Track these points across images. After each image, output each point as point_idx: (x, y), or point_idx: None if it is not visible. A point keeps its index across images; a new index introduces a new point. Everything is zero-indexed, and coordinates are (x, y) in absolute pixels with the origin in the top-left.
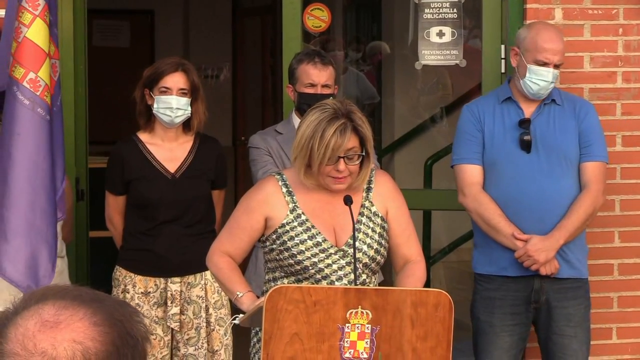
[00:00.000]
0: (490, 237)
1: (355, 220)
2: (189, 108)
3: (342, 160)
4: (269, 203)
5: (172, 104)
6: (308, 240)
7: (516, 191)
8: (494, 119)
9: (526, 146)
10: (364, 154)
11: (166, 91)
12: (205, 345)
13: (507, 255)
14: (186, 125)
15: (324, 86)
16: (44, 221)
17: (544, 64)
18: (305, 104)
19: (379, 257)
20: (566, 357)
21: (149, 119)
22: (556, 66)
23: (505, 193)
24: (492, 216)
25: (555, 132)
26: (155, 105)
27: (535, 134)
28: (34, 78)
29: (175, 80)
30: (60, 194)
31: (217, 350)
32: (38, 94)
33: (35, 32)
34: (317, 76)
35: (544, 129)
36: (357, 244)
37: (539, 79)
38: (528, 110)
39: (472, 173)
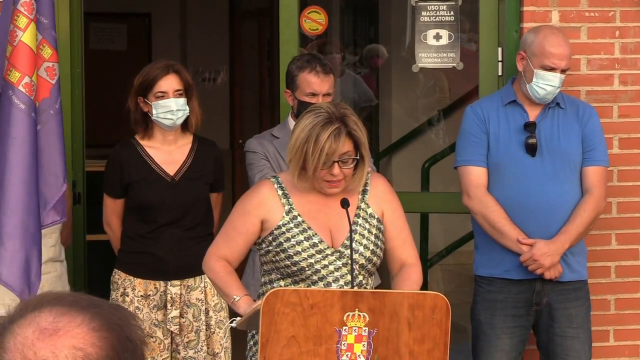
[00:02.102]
0: (494, 239)
1: (351, 222)
2: (187, 107)
3: (336, 164)
4: (264, 206)
5: (172, 106)
6: (304, 241)
7: (520, 194)
8: (499, 121)
9: (531, 150)
10: (358, 157)
11: (163, 95)
12: (204, 348)
13: (510, 258)
14: (184, 125)
15: (325, 95)
16: (36, 224)
17: (551, 69)
18: None
19: (375, 258)
20: (569, 359)
21: (147, 126)
22: (563, 71)
23: (509, 196)
24: (498, 219)
25: (559, 136)
26: (154, 112)
27: (540, 137)
28: (29, 82)
29: (169, 82)
30: (61, 195)
31: (217, 353)
32: (32, 97)
33: (30, 36)
34: (319, 86)
35: (549, 133)
36: (353, 245)
37: (545, 83)
38: (533, 113)
39: (477, 175)
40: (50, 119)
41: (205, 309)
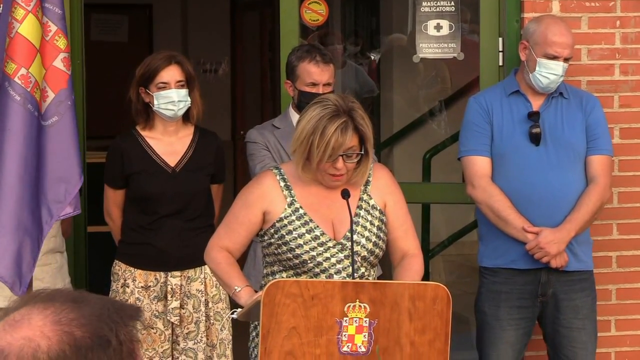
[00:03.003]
0: (499, 229)
1: (353, 214)
2: (189, 98)
3: (340, 158)
4: (267, 197)
5: (174, 97)
6: (306, 234)
7: (525, 184)
8: (502, 112)
9: (535, 139)
10: (362, 152)
11: (164, 86)
12: (204, 339)
13: (515, 248)
14: (185, 116)
15: (325, 85)
16: (29, 216)
17: (554, 58)
18: (306, 102)
19: (377, 250)
20: (575, 350)
21: (148, 117)
22: (566, 60)
23: (514, 186)
24: (503, 208)
25: (563, 126)
26: (155, 102)
27: (544, 127)
28: (25, 74)
29: (171, 73)
30: (79, 188)
31: (215, 345)
32: (29, 89)
33: (27, 27)
34: (319, 75)
35: (552, 122)
36: (355, 237)
37: (548, 72)
38: (536, 103)
39: (481, 165)
40: (67, 110)
41: (205, 300)
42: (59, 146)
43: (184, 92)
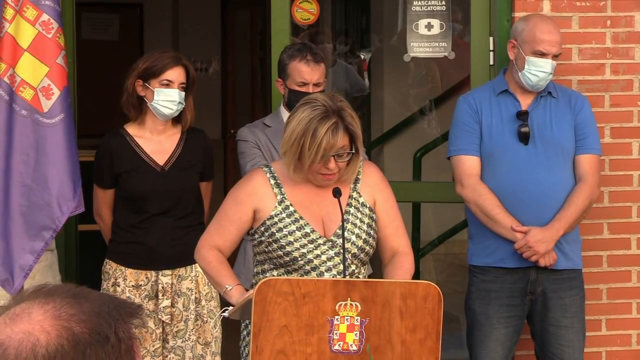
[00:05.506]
0: (488, 228)
1: (343, 212)
2: (184, 102)
3: (332, 158)
4: (257, 195)
5: (175, 97)
6: (296, 232)
7: (514, 183)
8: (491, 111)
9: (524, 138)
10: (353, 151)
11: (168, 84)
12: (192, 337)
13: (504, 247)
14: (175, 118)
15: (315, 84)
16: (19, 216)
17: (543, 55)
18: (295, 101)
19: (367, 247)
20: (563, 348)
21: (140, 111)
22: (554, 57)
23: (503, 185)
24: (491, 207)
25: (552, 125)
26: (155, 98)
27: (532, 126)
28: (13, 74)
29: (177, 74)
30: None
31: (209, 342)
32: (14, 88)
33: (15, 28)
34: (310, 74)
35: (541, 121)
36: (345, 234)
37: (537, 70)
38: (525, 102)
39: (471, 164)
40: (69, 107)
41: (197, 298)
42: (66, 144)
43: (183, 94)
